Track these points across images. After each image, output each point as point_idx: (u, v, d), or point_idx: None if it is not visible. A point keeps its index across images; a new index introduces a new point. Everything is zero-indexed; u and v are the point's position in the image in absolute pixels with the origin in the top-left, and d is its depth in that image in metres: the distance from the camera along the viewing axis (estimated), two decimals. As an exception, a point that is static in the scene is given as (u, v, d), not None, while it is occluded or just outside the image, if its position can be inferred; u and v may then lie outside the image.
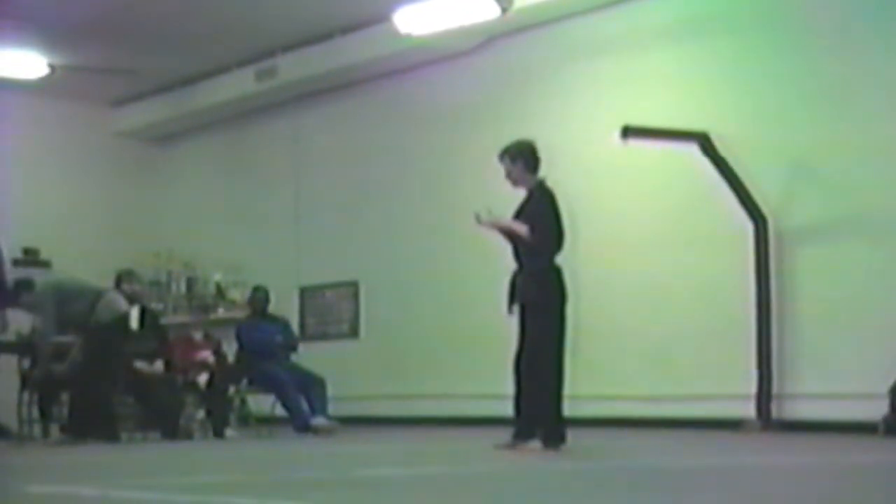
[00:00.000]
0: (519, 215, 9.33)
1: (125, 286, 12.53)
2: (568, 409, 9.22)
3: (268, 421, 13.10)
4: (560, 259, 9.24)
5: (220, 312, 16.43)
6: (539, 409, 9.12)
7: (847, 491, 6.21)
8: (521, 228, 9.21)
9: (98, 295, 11.39)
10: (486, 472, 7.63)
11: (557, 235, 9.27)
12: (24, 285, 11.41)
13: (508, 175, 9.44)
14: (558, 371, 9.16)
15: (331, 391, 13.01)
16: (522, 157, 9.41)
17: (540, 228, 9.18)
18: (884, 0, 11.69)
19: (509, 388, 9.28)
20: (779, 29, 12.36)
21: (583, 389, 13.07)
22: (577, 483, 6.84)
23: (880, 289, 11.40)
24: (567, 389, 9.54)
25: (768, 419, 11.80)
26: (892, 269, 11.36)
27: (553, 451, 8.94)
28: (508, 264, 9.39)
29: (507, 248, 9.41)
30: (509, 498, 6.05)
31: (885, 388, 10.75)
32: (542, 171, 9.42)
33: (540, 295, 9.17)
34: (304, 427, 12.61)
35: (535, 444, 9.08)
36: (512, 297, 9.31)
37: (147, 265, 17.07)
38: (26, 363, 12.15)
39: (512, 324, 9.34)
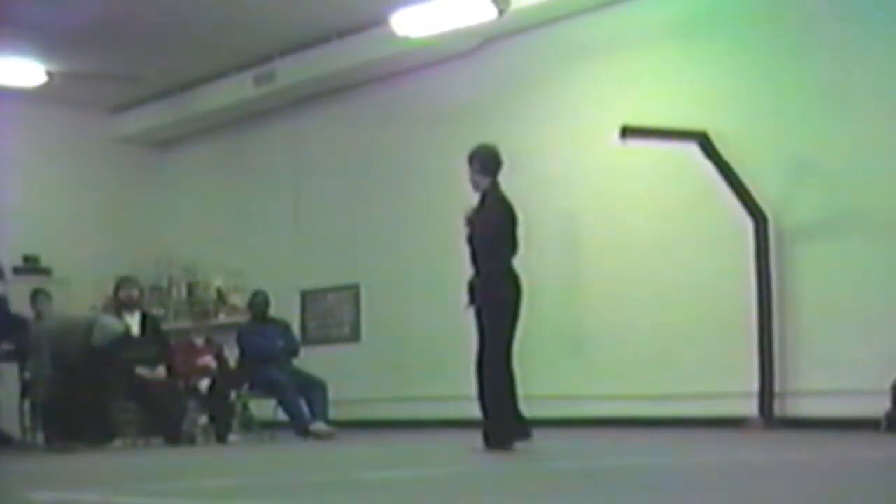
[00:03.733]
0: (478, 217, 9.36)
1: (122, 292, 12.55)
2: (570, 409, 9.23)
3: (270, 425, 13.10)
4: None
5: (221, 317, 16.43)
6: (493, 409, 9.16)
7: (849, 487, 6.20)
8: None
9: (90, 323, 11.49)
10: (485, 473, 7.62)
11: (511, 240, 9.29)
12: (17, 325, 11.59)
13: (471, 179, 9.45)
14: (509, 372, 9.19)
15: (332, 394, 13.01)
16: (479, 160, 9.42)
17: (492, 237, 9.23)
18: (883, -2, 11.72)
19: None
20: (777, 27, 12.36)
21: (585, 389, 13.11)
22: (577, 483, 6.83)
23: (881, 285, 11.40)
24: (569, 390, 9.61)
25: (771, 416, 11.80)
26: (893, 266, 11.36)
27: (500, 452, 8.93)
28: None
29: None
30: (507, 499, 6.05)
31: (886, 385, 10.75)
32: (540, 173, 9.42)
33: (494, 297, 9.18)
34: (303, 431, 12.61)
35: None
36: (472, 298, 9.34)
37: (148, 271, 17.09)
38: (27, 373, 12.15)
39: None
